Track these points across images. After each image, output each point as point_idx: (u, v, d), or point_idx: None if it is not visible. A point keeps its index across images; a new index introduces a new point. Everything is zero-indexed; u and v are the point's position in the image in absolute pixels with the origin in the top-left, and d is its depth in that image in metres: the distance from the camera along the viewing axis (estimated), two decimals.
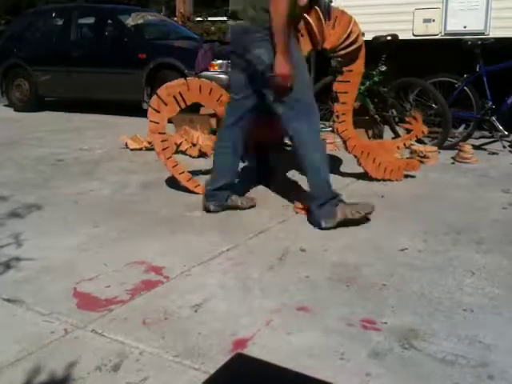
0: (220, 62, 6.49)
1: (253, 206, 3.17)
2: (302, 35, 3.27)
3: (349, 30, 3.30)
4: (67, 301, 2.04)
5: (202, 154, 4.61)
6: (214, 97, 3.44)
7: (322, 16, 3.22)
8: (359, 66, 3.46)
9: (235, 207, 3.13)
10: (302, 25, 3.24)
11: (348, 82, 3.52)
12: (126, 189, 3.61)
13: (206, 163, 4.34)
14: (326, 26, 3.26)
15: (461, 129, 5.05)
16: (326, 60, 3.61)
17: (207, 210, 3.10)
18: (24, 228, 2.84)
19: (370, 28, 5.31)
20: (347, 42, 3.32)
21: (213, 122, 4.88)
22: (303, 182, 3.71)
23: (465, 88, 4.75)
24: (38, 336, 1.79)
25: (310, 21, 3.26)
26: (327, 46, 3.35)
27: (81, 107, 7.75)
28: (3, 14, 18.12)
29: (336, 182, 3.72)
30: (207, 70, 6.36)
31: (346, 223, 2.80)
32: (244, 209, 3.13)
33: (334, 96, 3.61)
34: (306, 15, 3.25)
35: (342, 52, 3.37)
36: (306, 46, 3.35)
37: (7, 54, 8.01)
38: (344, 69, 3.49)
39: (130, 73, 6.87)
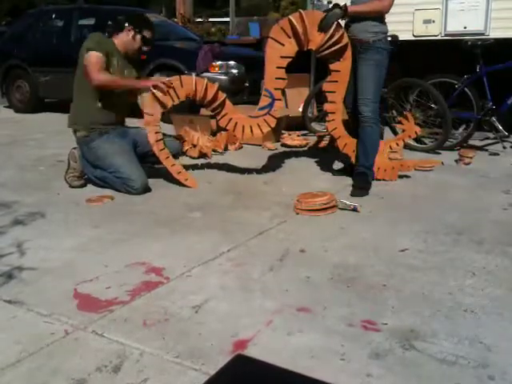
0: (220, 62, 6.49)
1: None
2: (289, 36, 3.42)
3: (331, 31, 3.40)
4: (67, 302, 2.04)
5: (203, 155, 4.61)
6: (208, 94, 3.53)
7: (305, 18, 3.34)
8: (346, 66, 3.54)
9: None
10: (288, 27, 3.40)
11: (336, 81, 3.60)
12: None
13: (206, 164, 4.35)
14: (311, 28, 3.38)
15: (461, 129, 5.06)
16: (325, 62, 3.65)
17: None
18: (24, 229, 2.84)
19: None
20: (330, 42, 3.43)
21: (213, 123, 4.89)
22: (304, 182, 3.72)
23: (465, 89, 4.75)
24: (39, 337, 1.79)
25: (295, 24, 3.39)
26: (312, 46, 3.51)
27: None
28: (3, 15, 18.15)
29: (336, 182, 3.74)
30: (207, 70, 6.38)
31: None
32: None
33: (324, 96, 3.67)
34: (291, 18, 3.40)
35: (327, 52, 3.47)
36: (292, 48, 3.48)
37: (8, 55, 8.02)
38: (332, 68, 3.56)
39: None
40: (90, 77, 3.45)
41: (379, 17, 3.50)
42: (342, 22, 3.57)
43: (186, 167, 4.06)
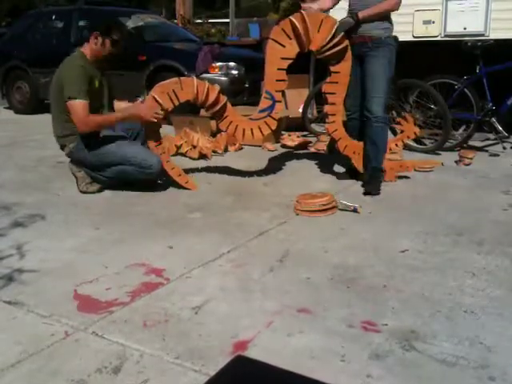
0: (220, 63, 6.50)
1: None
2: (290, 38, 3.41)
3: (333, 32, 3.41)
4: (68, 303, 2.04)
5: (203, 156, 4.61)
6: (209, 98, 3.51)
7: (307, 19, 3.33)
8: (346, 67, 3.54)
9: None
10: (289, 28, 3.39)
11: (336, 83, 3.59)
12: (125, 191, 3.60)
13: (206, 165, 4.35)
14: (312, 29, 3.38)
15: (461, 130, 5.06)
16: (325, 63, 3.64)
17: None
18: (24, 230, 2.84)
19: None
20: (331, 44, 3.43)
21: (213, 124, 4.90)
22: (304, 182, 3.72)
23: (465, 89, 4.76)
24: (39, 338, 1.79)
25: (297, 25, 3.38)
26: (313, 47, 3.50)
27: None
28: (3, 15, 18.15)
29: (336, 183, 3.74)
30: (207, 71, 6.38)
31: None
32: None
33: (324, 97, 3.66)
34: (293, 19, 3.39)
35: (327, 53, 3.47)
36: (292, 49, 3.47)
37: (8, 57, 8.02)
38: (332, 70, 3.55)
39: (129, 75, 6.87)
40: (78, 126, 3.42)
41: (388, 15, 3.53)
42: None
43: (186, 168, 4.06)
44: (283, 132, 5.42)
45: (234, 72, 6.56)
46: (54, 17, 8.06)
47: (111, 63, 3.75)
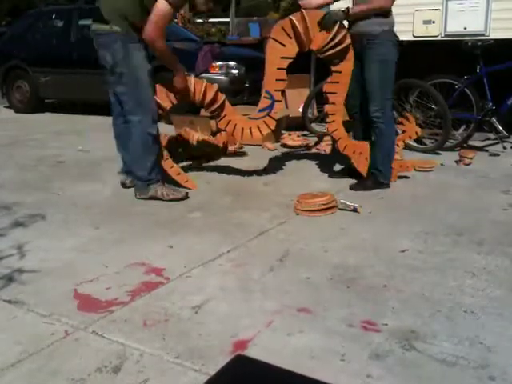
0: (220, 63, 6.49)
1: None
2: (290, 37, 3.40)
3: (334, 32, 3.40)
4: (68, 302, 2.04)
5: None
6: (207, 96, 3.53)
7: (307, 18, 3.32)
8: (348, 66, 3.52)
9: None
10: (289, 27, 3.38)
11: (337, 82, 3.58)
12: (126, 190, 3.61)
13: (205, 164, 4.35)
14: (313, 28, 3.36)
15: (461, 130, 5.05)
16: (326, 63, 3.64)
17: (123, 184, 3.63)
18: (24, 230, 2.84)
19: None
20: (333, 43, 3.43)
21: (213, 123, 4.89)
22: (304, 182, 3.72)
23: (465, 89, 4.75)
24: (39, 337, 1.79)
25: (297, 24, 3.37)
26: (314, 47, 3.49)
27: (81, 109, 7.76)
28: (3, 15, 18.15)
29: (336, 182, 3.74)
30: (207, 71, 6.38)
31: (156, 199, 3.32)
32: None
33: (324, 97, 3.66)
34: (292, 18, 3.38)
35: (329, 53, 3.46)
36: (293, 48, 3.47)
37: (8, 56, 8.02)
38: (333, 69, 3.54)
39: None
40: (148, 28, 3.18)
41: (384, 12, 3.45)
42: (345, 23, 3.55)
43: (186, 167, 4.07)
44: (283, 131, 5.42)
45: (234, 71, 6.56)
46: (54, 16, 8.07)
47: None
